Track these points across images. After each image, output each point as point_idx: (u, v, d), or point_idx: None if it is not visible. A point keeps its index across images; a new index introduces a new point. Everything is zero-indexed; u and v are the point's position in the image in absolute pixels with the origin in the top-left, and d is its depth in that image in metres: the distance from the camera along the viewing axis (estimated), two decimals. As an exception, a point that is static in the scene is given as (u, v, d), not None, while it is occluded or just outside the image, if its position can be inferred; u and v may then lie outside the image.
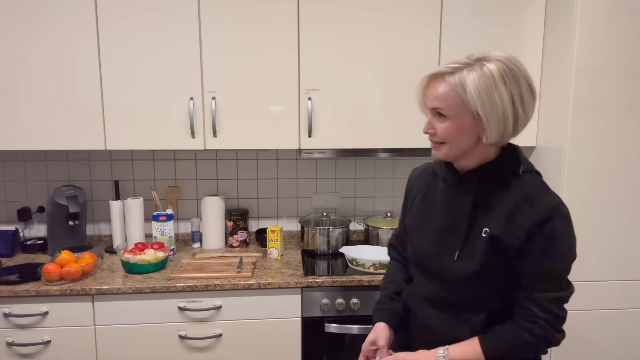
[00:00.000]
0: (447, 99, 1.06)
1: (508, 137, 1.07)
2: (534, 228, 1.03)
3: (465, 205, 1.13)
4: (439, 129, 1.09)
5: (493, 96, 1.02)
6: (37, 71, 1.94)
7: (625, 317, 2.05)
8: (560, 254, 1.05)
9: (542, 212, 1.04)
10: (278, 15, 1.98)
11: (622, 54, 1.89)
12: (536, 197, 1.06)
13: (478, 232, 1.09)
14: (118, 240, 2.26)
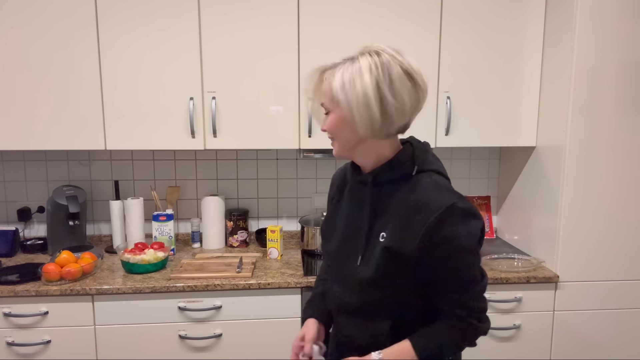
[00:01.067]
0: (326, 94, 1.05)
1: (382, 127, 1.01)
2: (428, 234, 0.99)
3: (363, 208, 1.10)
4: (325, 124, 1.08)
5: (356, 85, 0.99)
6: (37, 71, 1.94)
7: (625, 317, 2.05)
8: (461, 254, 1.01)
9: (433, 216, 0.99)
10: (278, 16, 1.98)
11: (622, 54, 1.89)
12: (426, 200, 1.01)
13: (377, 237, 1.07)
14: (118, 240, 2.26)
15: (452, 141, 2.11)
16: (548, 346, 2.05)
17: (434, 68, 2.07)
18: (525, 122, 2.14)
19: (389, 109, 0.99)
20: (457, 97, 2.09)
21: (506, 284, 1.97)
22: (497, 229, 2.56)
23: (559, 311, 2.02)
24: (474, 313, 1.04)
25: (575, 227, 1.98)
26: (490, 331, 1.99)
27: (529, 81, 2.11)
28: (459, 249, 1.00)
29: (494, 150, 2.54)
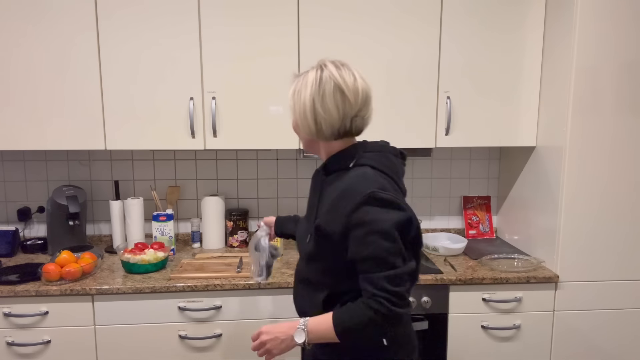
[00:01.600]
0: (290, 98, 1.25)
1: (317, 132, 1.21)
2: (348, 217, 1.14)
3: (316, 193, 1.31)
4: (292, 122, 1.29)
5: (300, 96, 1.20)
6: (38, 71, 1.94)
7: (625, 317, 2.05)
8: (375, 238, 1.11)
9: (355, 201, 1.13)
10: (278, 16, 1.98)
11: (622, 54, 1.89)
12: (351, 188, 1.16)
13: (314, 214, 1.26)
14: (118, 240, 2.26)
15: (452, 141, 2.11)
16: (548, 346, 2.05)
17: (434, 68, 2.07)
18: (525, 122, 2.14)
19: (319, 119, 1.19)
20: (457, 97, 2.09)
21: (506, 284, 1.97)
22: (497, 229, 2.56)
23: (559, 311, 2.02)
24: (386, 294, 1.11)
25: (575, 227, 1.98)
26: (490, 331, 2.00)
27: (529, 81, 2.11)
28: (373, 232, 1.11)
29: (494, 150, 2.55)
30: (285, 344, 1.20)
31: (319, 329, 1.17)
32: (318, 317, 1.18)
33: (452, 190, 2.56)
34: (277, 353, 1.22)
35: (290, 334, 1.18)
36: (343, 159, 1.24)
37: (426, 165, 2.52)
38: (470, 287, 1.97)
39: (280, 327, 1.21)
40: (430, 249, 2.25)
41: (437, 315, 1.97)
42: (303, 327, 1.18)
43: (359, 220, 1.13)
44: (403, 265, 1.14)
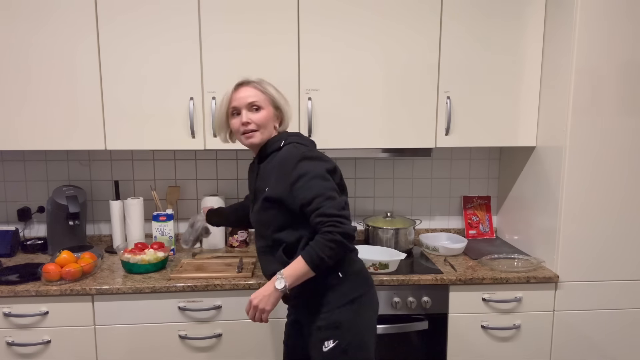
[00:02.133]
0: (258, 96, 1.54)
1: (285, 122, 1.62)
2: (290, 175, 1.45)
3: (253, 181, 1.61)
4: (255, 118, 1.53)
5: (281, 94, 1.60)
6: (37, 71, 1.94)
7: (625, 317, 2.05)
8: (314, 181, 1.43)
9: (292, 162, 1.46)
10: (278, 16, 1.98)
11: (622, 54, 1.89)
12: (286, 157, 1.49)
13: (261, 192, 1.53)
14: (118, 240, 2.26)
15: (452, 141, 2.11)
16: (548, 346, 2.05)
17: (434, 68, 2.07)
18: (525, 122, 2.14)
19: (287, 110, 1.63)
20: (457, 97, 2.09)
21: (506, 284, 1.97)
22: (497, 229, 2.56)
23: (559, 311, 2.02)
24: (336, 217, 1.40)
25: (575, 227, 1.98)
26: (490, 331, 2.00)
27: (529, 81, 2.11)
28: (312, 177, 1.43)
29: (494, 150, 2.55)
30: (273, 296, 1.42)
31: (294, 273, 1.41)
32: (290, 265, 1.43)
33: (452, 190, 2.56)
34: (270, 308, 1.44)
35: (272, 287, 1.42)
36: (277, 142, 1.56)
37: (426, 165, 2.52)
38: (470, 287, 1.97)
39: (263, 288, 1.44)
40: (430, 249, 2.25)
41: (437, 315, 1.97)
42: (281, 276, 1.41)
43: (299, 173, 1.44)
44: (339, 196, 1.45)
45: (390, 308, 1.95)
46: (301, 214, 1.45)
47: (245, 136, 1.55)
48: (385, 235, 2.25)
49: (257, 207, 1.55)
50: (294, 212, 1.47)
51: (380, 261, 1.98)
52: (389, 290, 1.95)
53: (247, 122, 1.52)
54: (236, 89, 1.56)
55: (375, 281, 1.92)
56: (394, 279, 1.92)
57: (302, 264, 1.41)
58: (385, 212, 2.47)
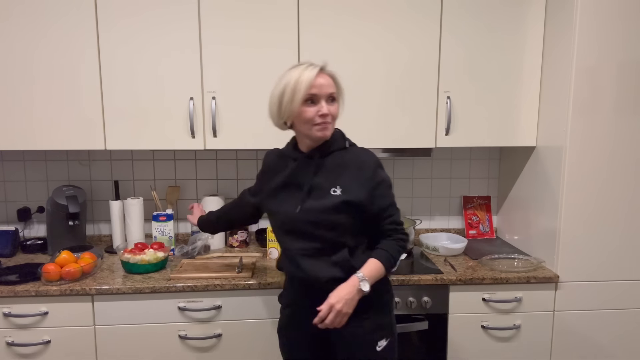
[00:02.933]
0: (334, 87, 1.45)
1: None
2: (371, 180, 1.45)
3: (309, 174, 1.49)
4: (333, 110, 1.44)
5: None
6: (38, 71, 1.94)
7: (625, 317, 2.05)
8: (389, 190, 1.49)
9: (371, 168, 1.46)
10: (278, 16, 1.98)
11: (622, 54, 1.89)
12: (365, 160, 1.47)
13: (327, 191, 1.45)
14: (118, 240, 2.26)
15: (452, 141, 2.11)
16: (548, 346, 2.05)
17: (434, 68, 2.07)
18: (525, 122, 2.14)
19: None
20: (457, 97, 2.09)
21: (506, 284, 1.97)
22: (497, 229, 2.56)
23: (559, 311, 2.02)
24: (402, 228, 1.51)
25: (575, 227, 1.98)
26: (490, 331, 2.00)
27: (529, 81, 2.11)
28: (387, 186, 1.49)
29: (494, 150, 2.55)
30: (354, 300, 1.42)
31: (373, 274, 1.44)
32: (366, 266, 1.44)
33: (452, 190, 2.56)
34: (350, 311, 1.42)
35: (354, 290, 1.41)
36: (341, 140, 1.52)
37: (426, 165, 2.52)
38: (470, 287, 1.97)
39: (343, 291, 1.41)
40: (431, 249, 2.24)
41: (437, 315, 1.97)
42: (364, 278, 1.42)
43: (379, 180, 1.46)
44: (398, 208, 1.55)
45: (390, 308, 1.95)
46: (367, 219, 1.47)
47: (321, 127, 1.43)
48: (385, 235, 2.25)
49: (317, 205, 1.45)
50: (362, 217, 1.46)
51: (380, 261, 1.98)
52: (389, 290, 1.95)
53: (327, 113, 1.41)
54: (315, 74, 1.40)
55: (375, 281, 1.92)
56: (394, 279, 1.92)
57: (379, 266, 1.44)
58: (385, 212, 2.47)
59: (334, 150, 1.50)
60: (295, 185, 1.51)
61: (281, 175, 1.54)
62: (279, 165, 1.57)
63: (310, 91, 1.39)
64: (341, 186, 1.45)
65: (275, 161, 1.60)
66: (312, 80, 1.39)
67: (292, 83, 1.40)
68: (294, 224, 1.48)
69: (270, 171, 1.60)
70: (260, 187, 1.64)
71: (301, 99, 1.40)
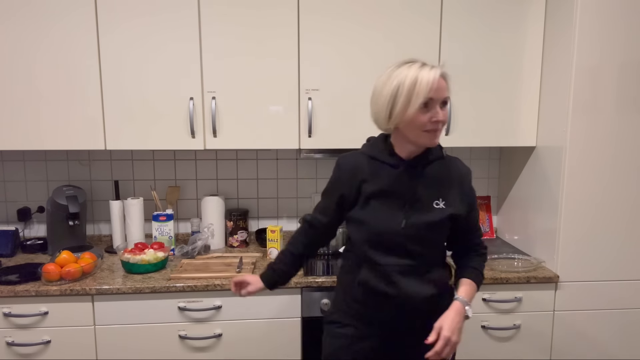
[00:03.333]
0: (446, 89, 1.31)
1: None
2: (470, 194, 1.42)
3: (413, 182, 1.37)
4: (445, 115, 1.30)
5: None
6: (38, 72, 1.94)
7: (625, 317, 2.05)
8: (477, 204, 1.48)
9: (469, 181, 1.43)
10: (278, 15, 1.98)
11: (622, 53, 1.89)
12: (465, 172, 1.43)
13: (429, 204, 1.36)
14: (118, 240, 2.26)
15: (452, 141, 2.11)
16: (548, 346, 2.05)
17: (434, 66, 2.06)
18: (525, 122, 2.14)
19: None
20: (457, 97, 2.09)
21: (506, 284, 1.97)
22: (497, 229, 2.56)
23: (559, 311, 2.02)
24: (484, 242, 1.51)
25: (575, 227, 1.98)
26: (490, 331, 2.00)
27: (529, 81, 2.11)
28: (476, 199, 1.46)
29: (494, 150, 2.54)
30: (462, 328, 1.36)
31: (471, 297, 1.40)
32: (465, 289, 1.39)
33: (452, 190, 2.56)
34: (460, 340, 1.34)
35: (462, 317, 1.35)
36: (439, 149, 1.42)
37: (426, 165, 2.52)
38: (470, 287, 1.97)
39: (451, 319, 1.32)
40: (430, 249, 2.24)
41: (437, 315, 1.97)
42: (467, 303, 1.37)
43: (474, 194, 1.44)
44: None
45: (390, 308, 1.95)
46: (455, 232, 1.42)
47: (432, 134, 1.30)
48: (385, 235, 2.25)
49: (423, 220, 1.35)
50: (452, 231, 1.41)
51: (380, 261, 1.98)
52: (389, 290, 1.95)
53: (441, 120, 1.28)
54: (437, 76, 1.27)
55: (375, 281, 1.92)
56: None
57: (475, 288, 1.41)
58: (385, 212, 2.47)
59: (433, 159, 1.39)
60: (394, 195, 1.36)
61: (375, 182, 1.37)
62: (371, 172, 1.39)
63: (429, 95, 1.25)
64: (444, 199, 1.36)
65: (364, 166, 1.40)
66: (433, 83, 1.25)
67: (407, 84, 1.25)
68: (392, 239, 1.35)
69: (355, 177, 1.40)
70: (342, 195, 1.43)
71: (420, 104, 1.25)
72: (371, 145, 1.44)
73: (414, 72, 1.26)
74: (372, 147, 1.43)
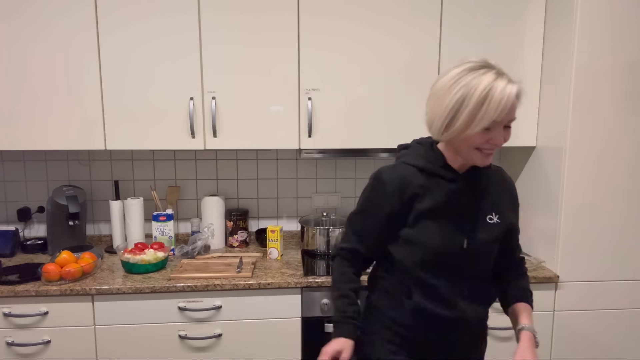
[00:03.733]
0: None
1: None
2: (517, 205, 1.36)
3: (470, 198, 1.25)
4: (507, 137, 1.17)
5: None
6: (38, 71, 1.94)
7: (625, 317, 2.05)
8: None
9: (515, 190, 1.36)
10: (278, 16, 1.98)
11: (622, 54, 1.89)
12: (512, 183, 1.36)
13: (483, 219, 1.26)
14: (118, 240, 2.26)
15: (452, 141, 2.11)
16: (548, 346, 2.05)
17: (434, 68, 2.07)
18: (525, 122, 2.14)
19: None
20: (457, 97, 2.09)
21: (506, 284, 1.97)
22: (497, 229, 2.56)
23: (559, 311, 2.02)
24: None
25: (575, 227, 1.98)
26: (490, 331, 2.00)
27: (529, 81, 2.11)
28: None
29: (494, 150, 2.54)
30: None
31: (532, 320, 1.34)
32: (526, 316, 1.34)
33: (452, 190, 2.56)
34: None
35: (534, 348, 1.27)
36: None
37: (426, 165, 2.52)
38: (470, 287, 1.97)
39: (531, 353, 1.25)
40: (430, 249, 2.24)
41: (437, 315, 1.97)
42: (535, 332, 1.31)
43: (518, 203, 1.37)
44: None
45: (390, 308, 1.95)
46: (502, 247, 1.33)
47: (485, 155, 1.16)
48: (385, 235, 2.24)
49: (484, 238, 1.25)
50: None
51: (380, 261, 1.97)
52: (389, 290, 1.95)
53: (500, 144, 1.15)
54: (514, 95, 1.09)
55: (375, 281, 1.92)
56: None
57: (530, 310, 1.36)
58: (385, 212, 2.47)
59: (483, 170, 1.27)
60: (452, 212, 1.23)
61: (429, 198, 1.22)
62: (422, 185, 1.23)
63: (502, 114, 1.08)
64: (497, 213, 1.27)
65: (414, 179, 1.23)
66: (506, 104, 1.07)
67: (475, 100, 1.07)
68: (451, 260, 1.23)
69: (405, 192, 1.23)
70: (390, 213, 1.25)
71: (488, 124, 1.09)
72: (417, 155, 1.26)
73: (486, 84, 1.07)
74: (419, 157, 1.26)
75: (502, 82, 1.08)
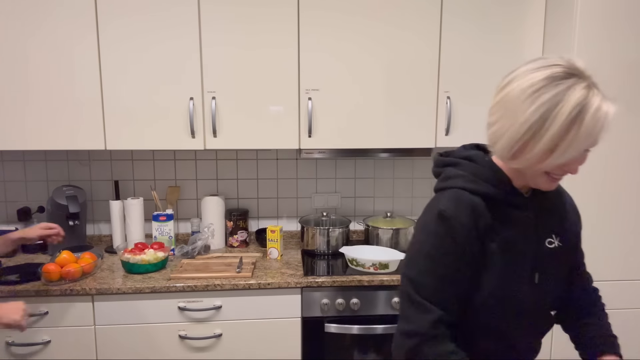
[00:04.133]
0: None
1: None
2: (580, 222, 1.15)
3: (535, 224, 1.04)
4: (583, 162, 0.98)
5: None
6: (38, 71, 1.94)
7: (625, 317, 2.05)
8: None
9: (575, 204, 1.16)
10: (278, 16, 1.98)
11: (622, 54, 1.89)
12: (570, 196, 1.16)
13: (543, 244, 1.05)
14: (118, 240, 2.26)
15: (452, 141, 2.11)
16: (548, 346, 2.05)
17: (434, 68, 2.07)
18: (525, 122, 2.14)
19: None
20: (457, 97, 2.09)
21: (506, 284, 1.97)
22: (497, 229, 2.56)
23: (559, 311, 2.02)
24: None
25: (575, 227, 1.97)
26: (490, 331, 2.00)
27: (529, 81, 2.11)
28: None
29: (494, 150, 2.54)
30: None
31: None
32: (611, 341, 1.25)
33: (452, 190, 2.55)
34: None
35: None
36: None
37: (426, 165, 2.52)
38: (470, 287, 1.97)
39: None
40: (430, 249, 2.24)
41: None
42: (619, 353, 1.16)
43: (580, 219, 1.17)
44: None
45: (390, 308, 1.95)
46: None
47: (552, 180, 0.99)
48: (385, 235, 2.25)
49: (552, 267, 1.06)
50: None
51: (380, 261, 1.98)
52: (389, 290, 1.95)
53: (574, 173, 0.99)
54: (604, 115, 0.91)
55: (375, 281, 1.92)
56: (394, 279, 1.92)
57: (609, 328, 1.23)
58: (385, 212, 2.47)
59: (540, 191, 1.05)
60: (521, 243, 1.01)
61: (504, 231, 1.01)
62: (494, 217, 1.00)
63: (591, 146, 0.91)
64: (558, 235, 1.06)
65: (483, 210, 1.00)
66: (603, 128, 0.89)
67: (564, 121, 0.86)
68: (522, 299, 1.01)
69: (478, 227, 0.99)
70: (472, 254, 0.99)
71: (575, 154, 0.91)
72: (476, 179, 1.01)
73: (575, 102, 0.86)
74: (480, 182, 1.01)
75: (597, 99, 0.86)
